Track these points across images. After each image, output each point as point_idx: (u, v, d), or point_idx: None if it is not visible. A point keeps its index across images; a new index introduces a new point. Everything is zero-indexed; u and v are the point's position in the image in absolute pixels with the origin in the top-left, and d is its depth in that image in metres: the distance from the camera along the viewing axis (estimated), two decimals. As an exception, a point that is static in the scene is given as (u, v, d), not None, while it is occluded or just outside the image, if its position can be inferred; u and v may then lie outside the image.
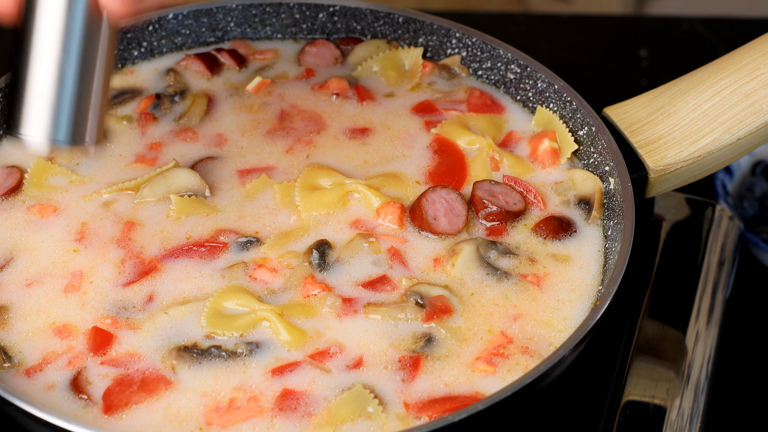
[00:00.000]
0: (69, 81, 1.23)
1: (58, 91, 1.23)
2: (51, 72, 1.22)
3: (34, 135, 1.24)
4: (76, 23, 1.21)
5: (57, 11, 1.21)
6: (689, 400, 1.44)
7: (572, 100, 1.55)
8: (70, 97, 1.23)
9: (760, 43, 1.49)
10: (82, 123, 1.25)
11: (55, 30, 1.21)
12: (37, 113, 1.23)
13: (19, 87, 1.23)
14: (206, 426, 1.25)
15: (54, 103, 1.23)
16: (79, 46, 1.22)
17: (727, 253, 1.64)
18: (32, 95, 1.23)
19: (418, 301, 1.36)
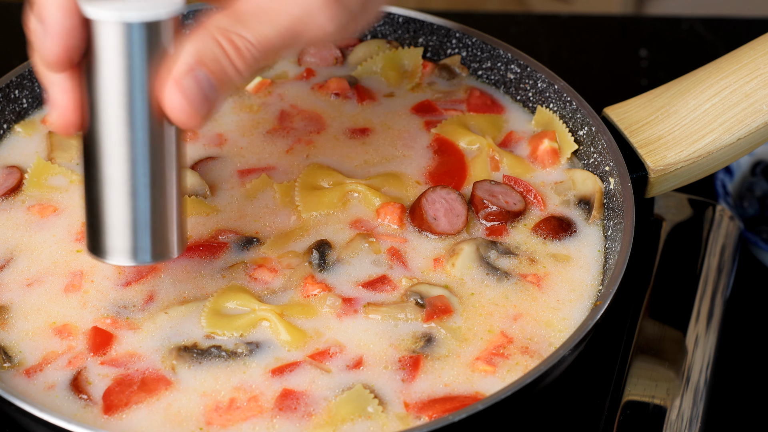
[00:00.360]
0: (143, 198, 1.18)
1: (133, 211, 1.18)
2: (125, 195, 1.17)
3: (119, 260, 1.21)
4: (142, 136, 1.16)
5: (120, 125, 1.15)
6: (689, 400, 1.44)
7: (572, 100, 1.55)
8: (147, 215, 1.19)
9: (760, 43, 1.49)
10: (163, 237, 1.22)
11: (121, 144, 1.16)
12: (117, 237, 1.20)
13: (93, 209, 1.19)
14: (206, 426, 1.25)
15: (134, 226, 1.19)
16: (148, 160, 1.16)
17: (727, 253, 1.64)
18: (108, 218, 1.19)
19: (418, 301, 1.36)
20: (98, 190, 1.19)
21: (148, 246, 1.21)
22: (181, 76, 1.12)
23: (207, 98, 1.13)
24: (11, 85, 1.58)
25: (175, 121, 1.14)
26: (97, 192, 1.19)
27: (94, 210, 1.20)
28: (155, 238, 1.21)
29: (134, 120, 1.15)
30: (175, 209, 1.22)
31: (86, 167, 1.19)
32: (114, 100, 1.15)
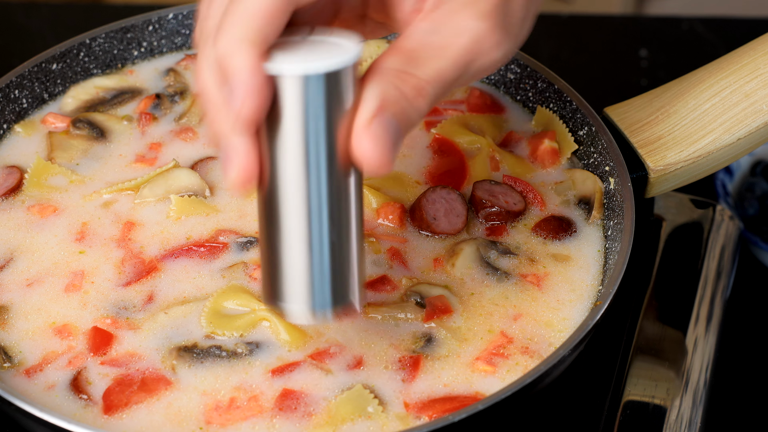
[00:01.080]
0: (325, 249, 1.14)
1: (316, 263, 1.14)
2: (305, 245, 1.14)
3: (298, 310, 1.17)
4: (323, 187, 1.12)
5: (300, 181, 1.12)
6: (689, 400, 1.44)
7: (572, 100, 1.55)
8: (329, 267, 1.15)
9: (760, 43, 1.49)
10: (345, 288, 1.17)
11: (301, 199, 1.12)
12: (298, 289, 1.16)
13: (274, 260, 1.16)
14: (206, 425, 1.25)
15: (314, 276, 1.15)
16: (330, 210, 1.13)
17: (727, 253, 1.64)
18: (289, 271, 1.15)
19: (418, 301, 1.36)
20: (280, 244, 1.15)
21: (329, 298, 1.17)
22: (369, 122, 1.09)
23: (394, 142, 1.10)
24: (11, 85, 1.58)
25: (366, 167, 1.11)
26: (279, 246, 1.15)
27: (276, 262, 1.16)
28: (336, 289, 1.17)
29: (318, 171, 1.12)
30: (356, 260, 1.18)
31: (266, 223, 1.15)
32: (296, 153, 1.11)
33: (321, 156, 1.12)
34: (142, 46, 1.69)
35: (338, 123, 1.11)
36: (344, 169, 1.13)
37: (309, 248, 1.14)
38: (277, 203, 1.14)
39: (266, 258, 1.17)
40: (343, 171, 1.13)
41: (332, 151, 1.12)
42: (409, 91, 1.11)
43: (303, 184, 1.12)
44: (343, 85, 1.10)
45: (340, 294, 1.17)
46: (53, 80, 1.63)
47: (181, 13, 1.69)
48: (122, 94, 1.64)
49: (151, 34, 1.69)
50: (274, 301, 1.18)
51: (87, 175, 1.52)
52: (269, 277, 1.18)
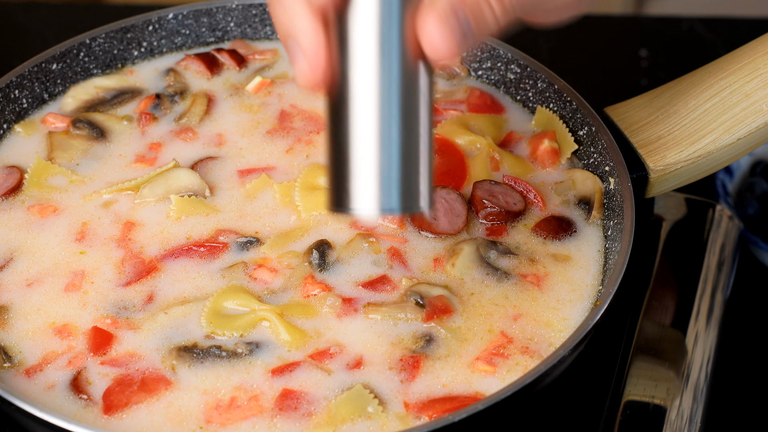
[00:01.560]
0: (394, 144, 1.12)
1: (385, 158, 1.12)
2: (374, 138, 1.12)
3: (366, 209, 1.13)
4: (394, 78, 1.11)
5: (372, 70, 1.11)
6: (689, 400, 1.44)
7: (572, 100, 1.55)
8: (398, 163, 1.13)
9: (760, 43, 1.49)
10: (412, 188, 1.15)
11: (373, 90, 1.11)
12: (366, 185, 1.13)
13: (341, 160, 1.14)
14: (206, 424, 1.25)
15: (382, 171, 1.12)
16: (400, 103, 1.12)
17: (727, 253, 1.64)
18: (357, 167, 1.13)
19: (418, 301, 1.36)
20: (348, 140, 1.13)
21: (397, 195, 1.13)
22: (446, 13, 1.09)
23: (466, 39, 1.10)
24: (11, 85, 1.58)
25: (434, 55, 1.10)
26: (347, 142, 1.13)
27: (342, 162, 1.13)
28: (404, 188, 1.13)
29: (389, 62, 1.11)
30: (427, 160, 1.16)
31: (334, 120, 1.14)
32: (368, 42, 1.10)
33: (393, 46, 1.11)
34: (142, 46, 1.69)
35: (411, 12, 1.10)
36: (415, 61, 1.12)
37: (379, 143, 1.12)
38: (346, 98, 1.12)
39: (333, 160, 1.15)
40: (414, 63, 1.12)
41: (404, 41, 1.11)
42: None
43: (374, 76, 1.11)
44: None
45: (408, 192, 1.14)
46: (53, 80, 1.63)
47: (181, 13, 1.70)
48: (122, 94, 1.64)
49: (151, 34, 1.69)
50: (340, 207, 1.15)
51: (87, 175, 1.52)
52: (336, 181, 1.15)
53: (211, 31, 1.72)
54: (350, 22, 1.11)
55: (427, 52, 1.11)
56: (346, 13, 1.11)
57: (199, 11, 1.70)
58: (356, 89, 1.12)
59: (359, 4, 1.10)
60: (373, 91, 1.12)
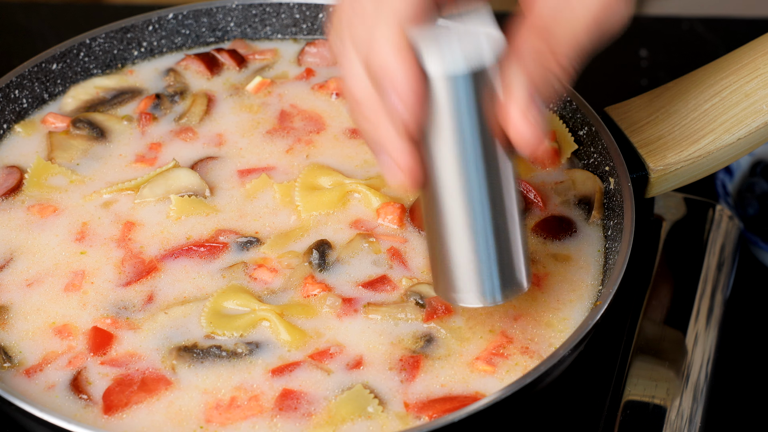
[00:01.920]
0: (488, 240, 1.19)
1: (482, 250, 1.19)
2: (470, 233, 1.19)
3: (470, 301, 1.23)
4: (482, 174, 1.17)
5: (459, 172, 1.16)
6: (689, 400, 1.44)
7: (572, 100, 1.55)
8: (494, 256, 1.20)
9: (760, 43, 1.49)
10: (512, 275, 1.23)
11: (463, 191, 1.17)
12: (466, 280, 1.22)
13: (443, 257, 1.21)
14: (206, 423, 1.25)
15: (480, 266, 1.20)
16: (490, 197, 1.18)
17: (727, 253, 1.64)
18: (457, 263, 1.21)
19: (418, 301, 1.36)
20: (445, 240, 1.20)
21: (498, 286, 1.22)
22: (526, 106, 1.13)
23: (545, 119, 1.15)
24: (11, 85, 1.58)
25: (526, 150, 1.15)
26: (445, 241, 1.20)
27: (444, 258, 1.21)
28: (504, 277, 1.22)
29: (475, 162, 1.16)
30: (521, 243, 1.23)
31: (432, 220, 1.20)
32: (453, 148, 1.15)
33: (476, 147, 1.15)
34: (142, 46, 1.69)
35: (489, 112, 1.14)
36: (498, 156, 1.17)
37: (474, 239, 1.19)
38: (440, 199, 1.18)
39: (435, 254, 1.22)
40: (497, 157, 1.17)
41: (487, 140, 1.15)
42: (555, 68, 1.15)
43: (463, 177, 1.16)
44: (491, 77, 1.14)
45: (509, 277, 1.23)
46: (53, 80, 1.63)
47: (181, 13, 1.70)
48: (122, 94, 1.64)
49: (151, 34, 1.69)
50: (447, 294, 1.24)
51: (87, 175, 1.52)
52: (440, 272, 1.23)
53: (211, 31, 1.72)
54: (434, 131, 1.15)
55: (518, 145, 1.15)
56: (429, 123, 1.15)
57: (199, 11, 1.70)
58: (447, 194, 1.17)
59: (440, 119, 1.14)
60: (463, 193, 1.17)
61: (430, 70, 1.12)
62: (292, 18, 1.72)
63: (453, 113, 1.14)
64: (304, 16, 1.72)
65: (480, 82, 1.13)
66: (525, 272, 1.24)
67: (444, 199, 1.18)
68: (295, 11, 1.71)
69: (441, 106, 1.13)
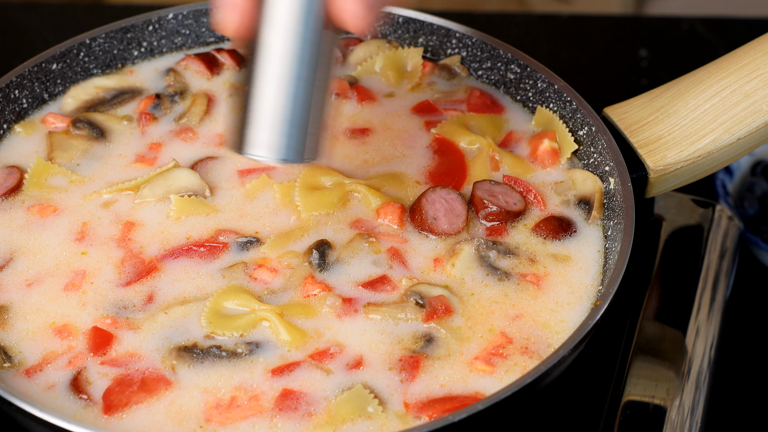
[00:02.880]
0: (298, 100, 1.24)
1: (289, 108, 1.24)
2: (280, 91, 1.24)
3: (262, 153, 1.26)
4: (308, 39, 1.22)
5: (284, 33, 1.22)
6: (689, 400, 1.44)
7: (572, 100, 1.55)
8: (299, 115, 1.25)
9: (760, 43, 1.49)
10: (305, 139, 1.27)
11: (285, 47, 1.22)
12: (267, 133, 1.25)
13: (250, 106, 1.25)
14: (206, 423, 1.25)
15: (284, 121, 1.25)
16: (309, 62, 1.23)
17: (727, 253, 1.64)
18: (264, 114, 1.25)
19: (418, 301, 1.36)
20: (259, 88, 1.24)
21: (294, 144, 1.26)
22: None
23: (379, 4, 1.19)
24: (11, 85, 1.58)
25: (350, 26, 1.19)
26: (258, 89, 1.24)
27: (251, 106, 1.25)
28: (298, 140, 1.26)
29: (304, 25, 1.21)
30: (322, 115, 1.27)
31: (251, 66, 1.24)
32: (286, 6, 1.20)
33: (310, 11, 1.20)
34: (142, 46, 1.69)
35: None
36: (324, 25, 1.22)
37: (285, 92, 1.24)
38: (261, 51, 1.23)
39: (244, 100, 1.26)
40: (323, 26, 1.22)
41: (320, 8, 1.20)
42: None
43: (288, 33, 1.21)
44: None
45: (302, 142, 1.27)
46: (53, 80, 1.63)
47: (181, 13, 1.69)
48: (122, 94, 1.64)
49: (151, 34, 1.69)
50: (240, 143, 1.27)
51: (87, 175, 1.52)
52: (243, 119, 1.26)
53: (211, 31, 1.72)
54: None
55: (345, 23, 1.19)
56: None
57: (199, 11, 1.70)
58: (272, 49, 1.23)
59: None
60: (282, 52, 1.22)
61: None
62: (292, 18, 1.72)
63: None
64: (304, 16, 1.72)
65: None
66: (316, 144, 1.29)
67: (267, 51, 1.22)
68: (295, 11, 1.71)
69: None
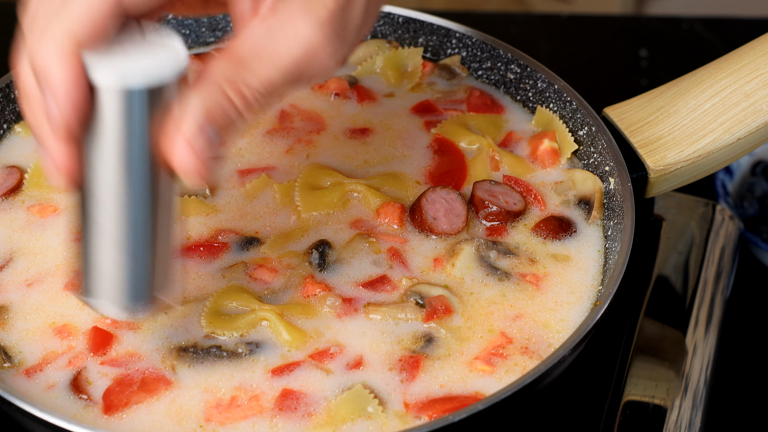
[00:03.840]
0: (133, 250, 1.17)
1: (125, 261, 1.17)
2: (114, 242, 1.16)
3: (108, 306, 1.21)
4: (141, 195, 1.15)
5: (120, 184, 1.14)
6: (689, 400, 1.44)
7: (572, 100, 1.55)
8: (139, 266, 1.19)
9: (760, 43, 1.49)
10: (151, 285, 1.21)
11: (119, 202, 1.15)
12: (108, 284, 1.19)
13: (87, 256, 1.19)
14: (205, 422, 1.25)
15: (123, 273, 1.19)
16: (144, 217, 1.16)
17: (727, 253, 1.64)
18: (100, 265, 1.18)
19: (418, 301, 1.36)
20: (91, 243, 1.18)
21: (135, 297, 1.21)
22: (192, 137, 1.10)
23: (215, 152, 1.12)
24: (11, 85, 1.58)
25: (186, 177, 1.13)
26: (91, 244, 1.18)
27: (87, 261, 1.19)
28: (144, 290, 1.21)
29: (134, 178, 1.14)
30: (167, 264, 1.22)
31: (82, 220, 1.18)
32: (113, 159, 1.13)
33: (140, 162, 1.13)
34: (142, 46, 1.69)
35: (158, 131, 1.12)
36: (160, 176, 1.15)
37: (118, 248, 1.17)
38: (92, 203, 1.16)
39: (81, 254, 1.20)
40: (158, 177, 1.15)
41: (149, 158, 1.13)
42: (238, 102, 1.11)
43: (118, 188, 1.14)
44: (167, 97, 1.11)
45: (148, 291, 1.21)
46: (53, 80, 1.63)
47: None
48: (122, 94, 1.63)
49: (151, 34, 1.69)
50: (86, 296, 1.21)
51: (87, 175, 1.52)
52: (83, 273, 1.20)
53: (211, 31, 1.72)
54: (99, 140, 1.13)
55: (179, 173, 1.12)
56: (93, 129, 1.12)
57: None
58: (103, 203, 1.15)
59: (105, 129, 1.12)
60: (115, 203, 1.15)
61: (97, 80, 1.09)
62: (292, 18, 1.72)
63: (119, 126, 1.11)
64: (304, 16, 1.72)
65: (153, 100, 1.10)
66: (167, 289, 1.23)
67: (97, 205, 1.15)
68: (295, 11, 1.71)
69: (107, 117, 1.11)
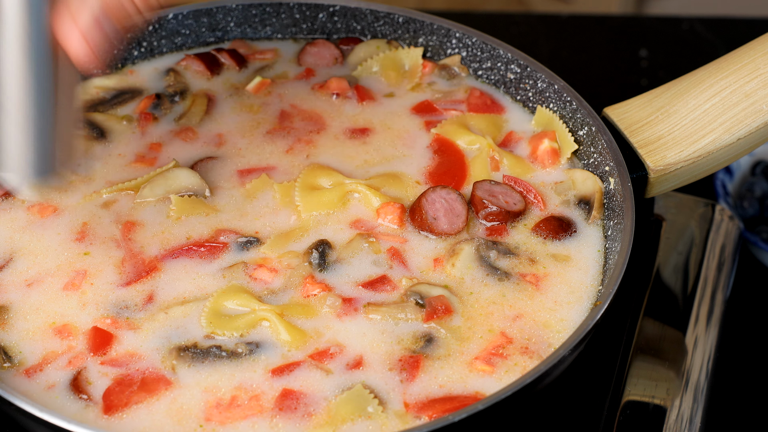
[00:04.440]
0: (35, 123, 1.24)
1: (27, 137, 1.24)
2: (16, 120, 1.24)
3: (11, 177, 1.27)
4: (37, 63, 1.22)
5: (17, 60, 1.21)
6: (689, 400, 1.44)
7: (572, 100, 1.55)
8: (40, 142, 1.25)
9: (760, 43, 1.49)
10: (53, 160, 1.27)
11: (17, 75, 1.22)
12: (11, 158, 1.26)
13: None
14: (205, 422, 1.25)
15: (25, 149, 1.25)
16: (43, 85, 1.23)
17: (727, 253, 1.64)
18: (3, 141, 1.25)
19: (418, 301, 1.36)
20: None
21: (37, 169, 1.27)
22: (88, 29, 1.15)
23: (111, 41, 1.17)
24: (11, 85, 1.58)
25: (79, 65, 1.19)
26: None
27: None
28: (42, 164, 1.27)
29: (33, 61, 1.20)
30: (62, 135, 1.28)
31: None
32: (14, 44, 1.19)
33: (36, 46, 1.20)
34: (142, 46, 1.69)
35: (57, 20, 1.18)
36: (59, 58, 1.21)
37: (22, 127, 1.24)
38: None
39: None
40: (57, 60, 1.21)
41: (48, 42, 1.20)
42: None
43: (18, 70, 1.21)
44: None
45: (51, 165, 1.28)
46: (53, 80, 1.63)
47: (181, 13, 1.69)
48: (122, 94, 1.64)
49: (151, 34, 1.69)
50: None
51: (87, 175, 1.52)
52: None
53: (211, 31, 1.72)
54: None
55: (74, 61, 1.18)
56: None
57: (199, 11, 1.70)
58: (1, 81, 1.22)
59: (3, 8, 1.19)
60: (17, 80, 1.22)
61: None
62: (292, 18, 1.72)
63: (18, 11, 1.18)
64: (304, 16, 1.72)
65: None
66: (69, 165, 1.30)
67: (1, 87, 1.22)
68: (294, 11, 1.71)
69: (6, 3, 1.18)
